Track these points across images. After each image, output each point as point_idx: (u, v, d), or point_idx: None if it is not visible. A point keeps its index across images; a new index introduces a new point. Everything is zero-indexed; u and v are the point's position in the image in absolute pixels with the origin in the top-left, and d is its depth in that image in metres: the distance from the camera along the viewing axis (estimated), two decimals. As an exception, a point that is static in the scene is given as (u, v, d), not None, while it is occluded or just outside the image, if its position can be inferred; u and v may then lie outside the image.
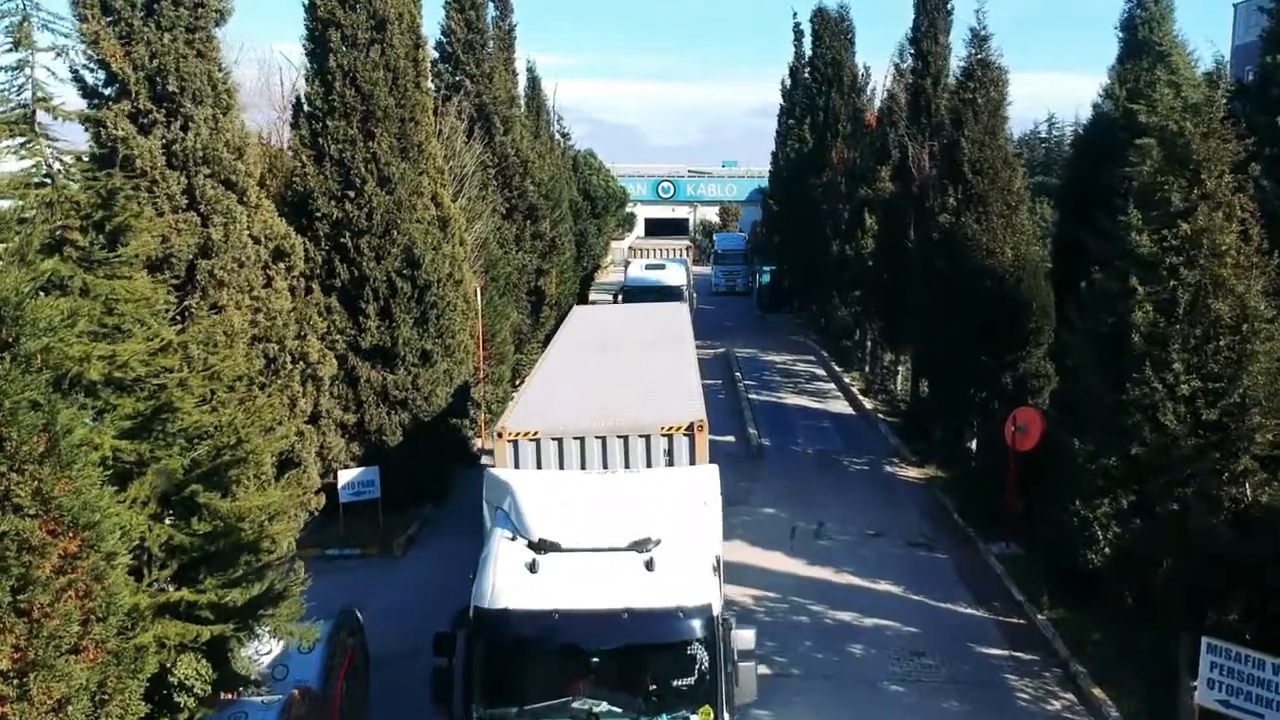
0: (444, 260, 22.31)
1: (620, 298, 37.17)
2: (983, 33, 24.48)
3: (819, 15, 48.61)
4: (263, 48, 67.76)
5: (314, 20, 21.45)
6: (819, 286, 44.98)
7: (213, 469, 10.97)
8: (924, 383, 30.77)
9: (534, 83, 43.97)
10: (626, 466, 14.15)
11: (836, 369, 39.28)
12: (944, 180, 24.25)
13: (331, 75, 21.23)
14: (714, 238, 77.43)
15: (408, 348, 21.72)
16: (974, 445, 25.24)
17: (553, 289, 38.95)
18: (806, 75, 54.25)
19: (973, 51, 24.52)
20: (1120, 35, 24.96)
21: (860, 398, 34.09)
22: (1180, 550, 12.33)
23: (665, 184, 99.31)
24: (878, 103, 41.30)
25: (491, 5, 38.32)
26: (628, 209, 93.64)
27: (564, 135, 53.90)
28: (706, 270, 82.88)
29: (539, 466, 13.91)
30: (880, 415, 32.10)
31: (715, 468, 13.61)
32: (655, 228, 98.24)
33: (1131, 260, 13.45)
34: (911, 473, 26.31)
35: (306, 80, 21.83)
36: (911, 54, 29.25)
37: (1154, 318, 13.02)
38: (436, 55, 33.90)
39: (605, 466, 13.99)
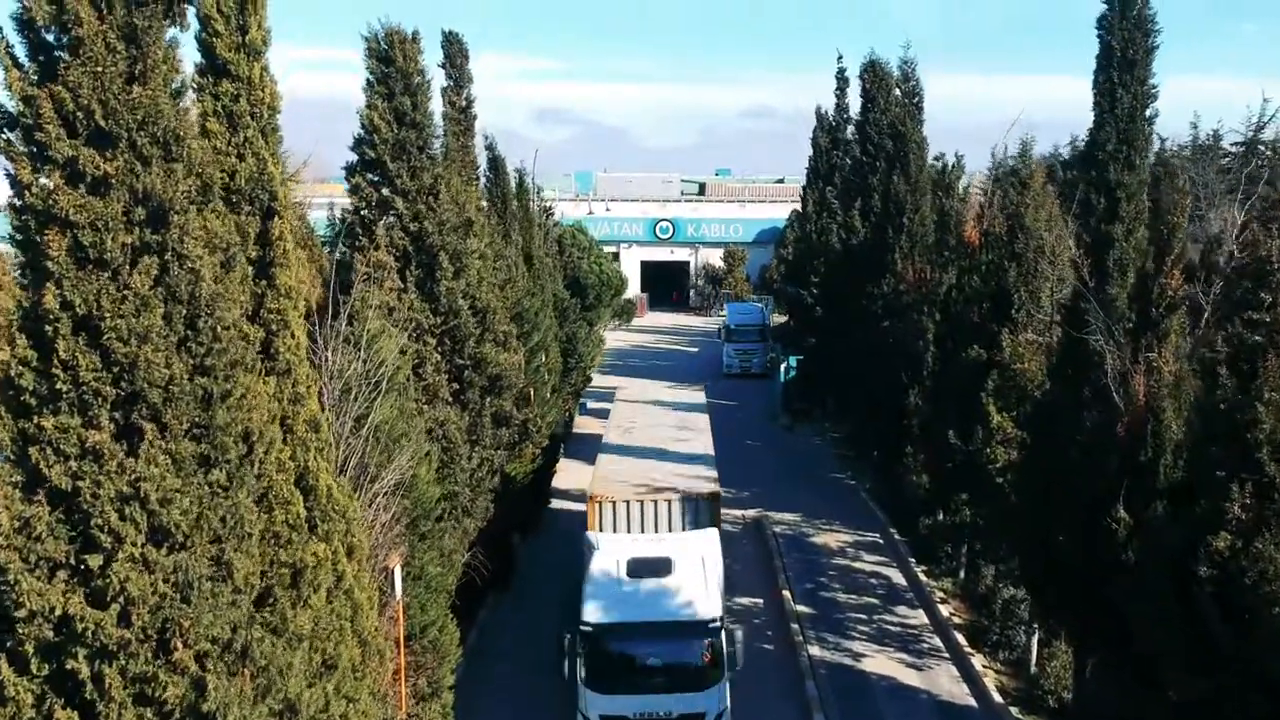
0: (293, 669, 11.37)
1: (584, 652, 18.69)
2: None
3: (871, 72, 37.64)
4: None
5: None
6: (881, 430, 34.11)
7: None
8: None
9: (495, 164, 32.74)
10: None
11: (916, 571, 28.44)
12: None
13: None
14: (726, 308, 66.65)
15: None
16: None
17: (525, 468, 28.11)
18: (851, 136, 43.69)
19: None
20: None
21: (974, 664, 23.24)
22: None
23: (664, 223, 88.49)
24: (974, 209, 30.50)
25: (442, 73, 27.52)
26: (620, 249, 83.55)
27: (547, 212, 42.84)
28: (707, 321, 72.40)
29: None
30: (1014, 711, 21.34)
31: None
32: (651, 272, 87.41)
33: None
34: None
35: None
36: (1089, 183, 18.25)
37: None
38: (355, 159, 23.03)
39: None
